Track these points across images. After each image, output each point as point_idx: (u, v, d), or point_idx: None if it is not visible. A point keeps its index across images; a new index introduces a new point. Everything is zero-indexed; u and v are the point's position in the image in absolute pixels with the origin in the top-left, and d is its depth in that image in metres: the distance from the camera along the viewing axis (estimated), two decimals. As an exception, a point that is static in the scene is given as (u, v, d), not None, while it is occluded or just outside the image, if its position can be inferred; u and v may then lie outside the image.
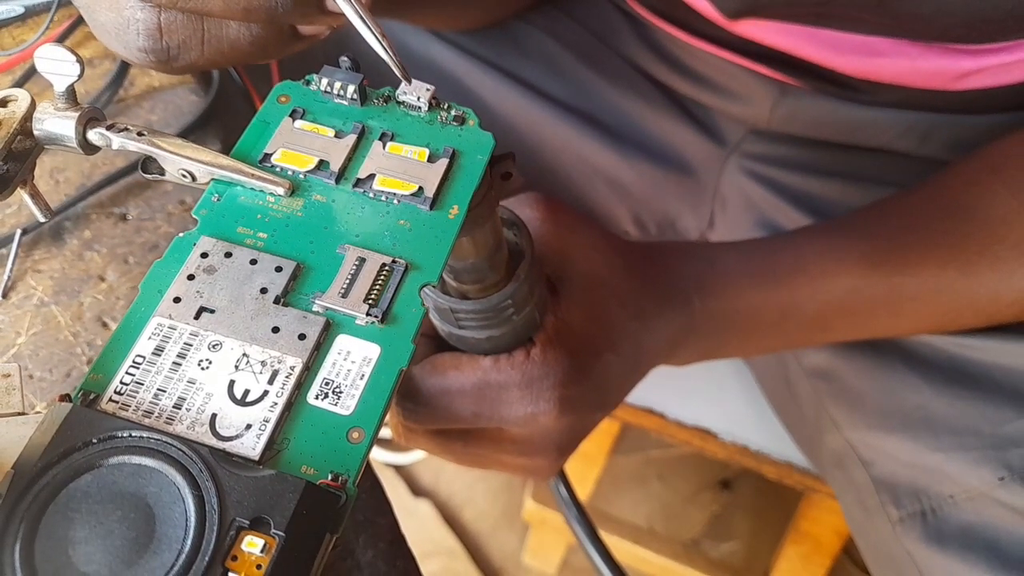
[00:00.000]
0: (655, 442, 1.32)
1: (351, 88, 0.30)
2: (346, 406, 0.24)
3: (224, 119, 0.53)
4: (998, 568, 0.45)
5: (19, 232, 0.45)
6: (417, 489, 1.31)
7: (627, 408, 0.78)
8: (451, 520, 1.28)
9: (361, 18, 0.29)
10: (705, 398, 0.77)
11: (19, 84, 0.52)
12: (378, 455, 1.27)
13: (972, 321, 0.49)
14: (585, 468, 0.99)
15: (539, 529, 1.13)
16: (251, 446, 0.23)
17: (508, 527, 1.28)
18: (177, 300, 0.26)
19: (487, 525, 1.28)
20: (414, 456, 1.32)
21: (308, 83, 0.31)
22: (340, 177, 0.28)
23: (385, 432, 0.25)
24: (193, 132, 0.51)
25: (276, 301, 0.26)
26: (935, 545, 0.49)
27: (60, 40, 0.53)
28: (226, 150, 0.29)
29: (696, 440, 0.77)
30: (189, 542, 0.21)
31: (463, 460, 0.41)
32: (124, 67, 0.53)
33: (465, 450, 0.40)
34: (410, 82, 0.30)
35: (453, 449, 0.40)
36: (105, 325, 0.43)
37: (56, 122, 0.29)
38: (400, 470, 1.32)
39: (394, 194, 0.28)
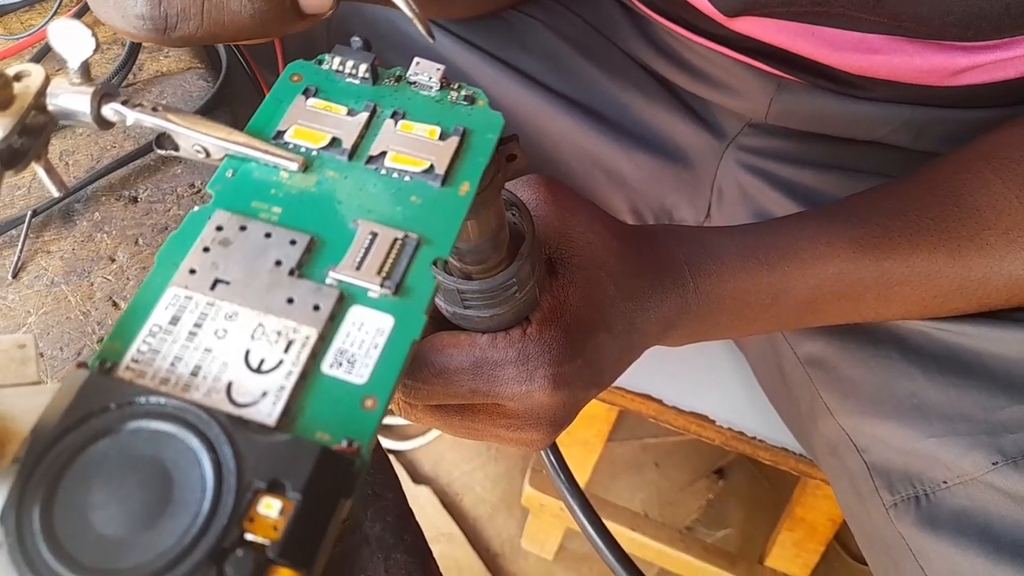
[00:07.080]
0: (651, 429, 1.32)
1: (363, 67, 0.30)
2: (360, 375, 0.24)
3: (232, 105, 0.53)
4: (991, 551, 0.46)
5: (29, 213, 0.46)
6: (417, 476, 1.32)
7: (625, 394, 0.78)
8: (450, 506, 1.29)
9: None
10: (702, 384, 0.78)
11: (29, 67, 0.52)
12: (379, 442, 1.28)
13: (962, 306, 0.49)
14: (582, 455, 1.00)
15: (537, 515, 1.14)
16: (267, 412, 0.23)
17: (507, 513, 1.29)
18: (193, 272, 0.26)
19: (486, 511, 1.29)
20: (415, 443, 1.33)
21: (320, 63, 0.31)
22: (352, 154, 0.29)
23: (386, 420, 0.25)
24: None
25: (291, 273, 0.26)
26: (928, 529, 0.49)
27: (68, 24, 0.54)
28: (236, 133, 0.29)
29: (693, 426, 0.77)
30: (207, 505, 0.21)
31: (460, 433, 0.42)
32: (133, 51, 0.53)
33: (462, 424, 0.41)
34: (433, 38, 0.30)
35: (451, 423, 0.41)
36: (116, 305, 0.43)
37: (70, 97, 0.29)
38: (400, 457, 1.33)
39: (406, 171, 0.28)
